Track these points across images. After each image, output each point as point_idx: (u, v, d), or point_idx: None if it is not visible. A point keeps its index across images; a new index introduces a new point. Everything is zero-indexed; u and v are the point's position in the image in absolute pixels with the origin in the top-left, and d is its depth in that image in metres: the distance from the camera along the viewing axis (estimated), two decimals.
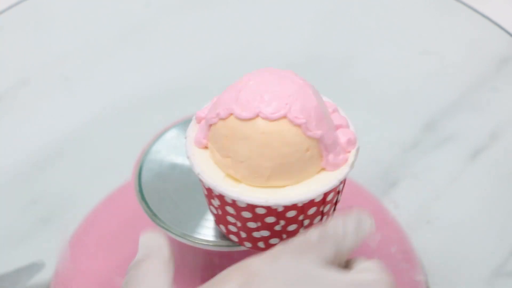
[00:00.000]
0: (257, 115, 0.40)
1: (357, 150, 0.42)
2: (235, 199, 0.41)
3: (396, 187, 0.59)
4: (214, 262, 0.49)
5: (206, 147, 0.42)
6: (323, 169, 0.41)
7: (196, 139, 0.42)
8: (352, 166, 0.41)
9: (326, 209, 0.42)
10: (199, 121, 0.43)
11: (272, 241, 0.43)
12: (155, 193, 0.46)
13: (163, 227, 0.45)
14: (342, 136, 0.42)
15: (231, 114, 0.40)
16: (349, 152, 0.42)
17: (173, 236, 0.45)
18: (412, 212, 0.57)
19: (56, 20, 0.65)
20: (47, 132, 0.61)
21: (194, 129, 0.43)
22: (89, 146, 0.61)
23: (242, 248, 0.45)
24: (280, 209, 0.41)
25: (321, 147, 0.40)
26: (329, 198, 0.42)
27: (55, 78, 0.63)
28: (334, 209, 0.44)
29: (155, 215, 0.46)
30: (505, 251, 0.54)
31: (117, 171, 0.55)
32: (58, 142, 0.60)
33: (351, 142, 0.42)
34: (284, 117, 0.39)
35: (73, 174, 0.59)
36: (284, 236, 0.42)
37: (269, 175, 0.40)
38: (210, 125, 0.41)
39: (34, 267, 0.54)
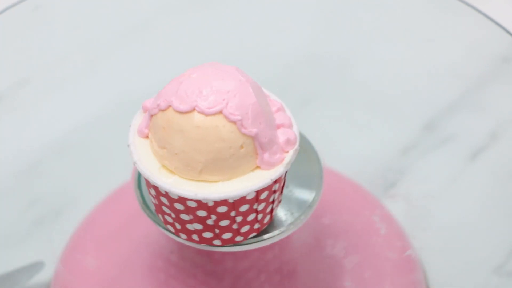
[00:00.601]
0: (194, 109, 0.40)
1: (295, 150, 0.42)
2: (167, 190, 0.41)
3: (396, 187, 0.59)
4: (214, 262, 0.49)
5: (147, 137, 0.43)
6: (258, 167, 0.42)
7: (139, 128, 0.43)
8: (287, 166, 0.41)
9: (260, 207, 0.43)
10: (145, 110, 0.43)
11: (206, 234, 0.43)
12: None
13: (162, 227, 0.45)
14: (281, 136, 0.42)
15: (170, 106, 0.40)
16: (287, 152, 0.42)
17: (173, 236, 0.45)
18: (412, 212, 0.57)
19: (56, 20, 0.65)
20: (47, 132, 0.61)
21: (139, 119, 0.44)
22: (89, 146, 0.61)
23: (242, 248, 0.45)
24: (211, 204, 0.41)
25: (257, 145, 0.41)
26: (262, 196, 0.42)
27: (55, 78, 0.63)
28: (272, 208, 0.44)
29: (154, 215, 0.46)
30: (505, 251, 0.54)
31: (117, 171, 0.55)
32: (58, 142, 0.61)
33: (290, 142, 0.42)
34: (220, 112, 0.40)
35: (73, 174, 0.59)
36: (217, 231, 0.43)
37: (201, 169, 0.41)
38: (152, 115, 0.42)
39: (34, 267, 0.54)
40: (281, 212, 0.46)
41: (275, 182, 0.42)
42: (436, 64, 0.63)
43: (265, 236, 0.45)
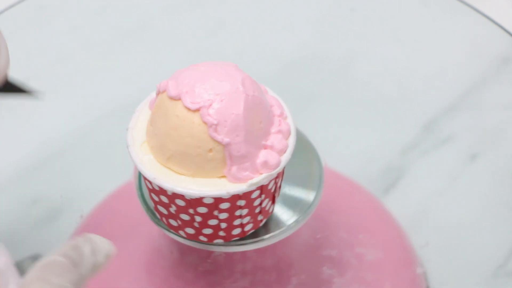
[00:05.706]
0: (180, 98, 0.40)
1: (269, 176, 0.41)
2: (136, 164, 0.42)
3: (396, 187, 0.59)
4: (214, 262, 0.49)
5: None
6: (224, 176, 0.41)
7: (151, 101, 0.44)
8: (251, 186, 0.41)
9: (222, 216, 0.42)
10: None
11: (171, 222, 0.44)
12: None
13: (163, 227, 0.45)
14: (262, 157, 0.41)
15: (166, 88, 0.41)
16: (261, 174, 0.41)
17: (173, 236, 0.45)
18: (412, 212, 0.57)
19: (56, 20, 0.65)
20: (47, 132, 0.61)
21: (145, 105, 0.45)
22: (89, 146, 0.61)
23: (241, 248, 0.45)
24: (169, 193, 0.42)
25: (227, 155, 0.40)
26: (223, 206, 0.42)
27: (55, 78, 0.63)
28: (242, 223, 0.44)
29: (155, 215, 0.46)
30: (505, 251, 0.54)
31: (117, 171, 0.55)
32: (58, 142, 0.61)
33: (267, 166, 0.41)
34: (199, 110, 0.40)
35: (73, 174, 0.59)
36: (179, 222, 0.43)
37: (169, 157, 0.41)
38: (158, 93, 0.43)
39: None
40: (281, 212, 0.46)
41: (239, 197, 0.42)
42: (436, 64, 0.63)
43: (265, 236, 0.45)
